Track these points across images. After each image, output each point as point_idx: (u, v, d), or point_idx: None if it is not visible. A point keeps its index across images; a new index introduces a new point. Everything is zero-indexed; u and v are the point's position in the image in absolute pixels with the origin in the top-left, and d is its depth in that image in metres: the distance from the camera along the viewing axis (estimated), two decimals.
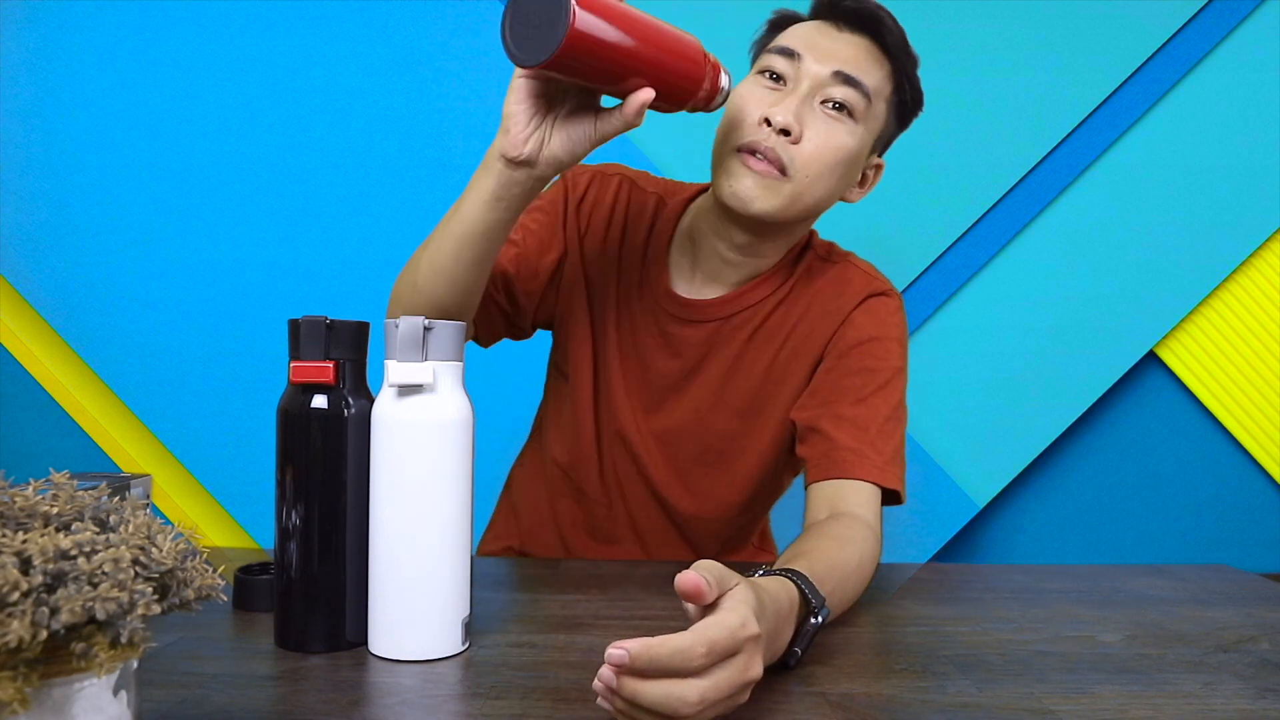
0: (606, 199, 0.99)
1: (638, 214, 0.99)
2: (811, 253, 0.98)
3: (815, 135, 0.86)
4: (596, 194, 0.99)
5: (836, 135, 0.86)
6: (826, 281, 0.96)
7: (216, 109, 1.56)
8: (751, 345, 0.95)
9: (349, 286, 1.56)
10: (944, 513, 1.57)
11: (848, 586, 0.73)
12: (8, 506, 0.40)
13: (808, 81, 0.86)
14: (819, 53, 0.87)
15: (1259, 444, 1.60)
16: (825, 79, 0.86)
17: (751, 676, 0.52)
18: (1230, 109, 1.55)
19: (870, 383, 0.90)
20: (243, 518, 1.58)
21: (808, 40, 0.88)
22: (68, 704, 0.37)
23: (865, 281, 0.96)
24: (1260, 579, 0.92)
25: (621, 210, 0.99)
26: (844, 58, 0.87)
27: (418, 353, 0.62)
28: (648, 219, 0.99)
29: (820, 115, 0.86)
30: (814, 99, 0.86)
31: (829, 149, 0.86)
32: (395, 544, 0.62)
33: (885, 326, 0.94)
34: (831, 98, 0.86)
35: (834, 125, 0.86)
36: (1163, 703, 0.58)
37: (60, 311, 1.57)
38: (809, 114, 0.86)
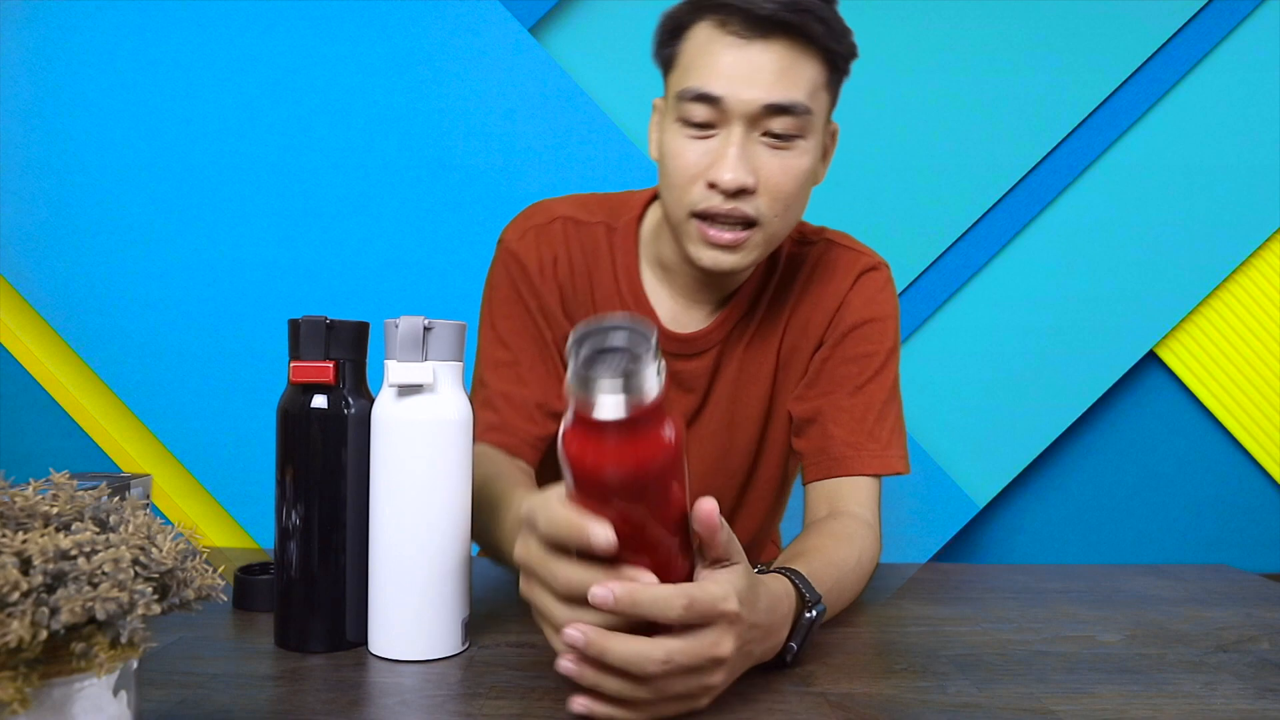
0: (556, 252, 0.91)
1: (593, 253, 0.92)
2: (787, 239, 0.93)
3: (770, 175, 0.79)
4: (543, 253, 0.91)
5: (790, 165, 0.80)
6: (813, 267, 0.93)
7: (216, 109, 1.56)
8: (751, 351, 0.93)
9: (349, 286, 1.56)
10: (944, 513, 1.57)
11: (846, 584, 0.73)
12: (8, 506, 0.40)
13: (739, 124, 0.78)
14: (741, 87, 0.77)
15: (1259, 444, 1.60)
16: (757, 114, 0.77)
17: (720, 653, 0.51)
18: (1230, 109, 1.55)
19: (866, 369, 0.89)
20: (243, 518, 1.58)
21: (724, 75, 0.77)
22: (68, 704, 0.37)
23: (852, 260, 0.93)
24: (1260, 579, 0.92)
25: (578, 255, 0.92)
26: (769, 84, 0.77)
27: (418, 353, 0.62)
28: (606, 255, 0.92)
29: (765, 150, 0.79)
30: (752, 134, 0.79)
31: (789, 181, 0.80)
32: (395, 544, 0.62)
33: (878, 305, 0.91)
34: (770, 131, 0.78)
35: (783, 156, 0.79)
36: (1163, 703, 0.58)
37: (60, 311, 1.57)
38: (753, 152, 0.79)
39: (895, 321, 0.92)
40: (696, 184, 0.80)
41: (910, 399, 0.94)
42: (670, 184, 0.82)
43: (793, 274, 0.93)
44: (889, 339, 0.90)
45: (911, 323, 1.57)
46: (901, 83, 1.54)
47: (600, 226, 0.93)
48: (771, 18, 0.76)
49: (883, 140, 1.55)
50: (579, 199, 0.96)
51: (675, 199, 0.82)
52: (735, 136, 0.78)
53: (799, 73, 0.78)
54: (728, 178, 0.77)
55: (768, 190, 0.79)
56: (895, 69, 1.54)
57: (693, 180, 0.80)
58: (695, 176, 0.80)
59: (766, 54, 0.77)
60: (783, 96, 0.77)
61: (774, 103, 0.77)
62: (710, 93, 0.77)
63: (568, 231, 0.92)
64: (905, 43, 1.54)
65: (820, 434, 0.87)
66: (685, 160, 0.80)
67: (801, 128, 0.79)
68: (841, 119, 0.88)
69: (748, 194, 0.78)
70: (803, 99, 0.78)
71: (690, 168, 0.80)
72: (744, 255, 0.81)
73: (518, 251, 0.91)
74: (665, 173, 0.83)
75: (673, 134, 0.81)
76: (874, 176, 1.55)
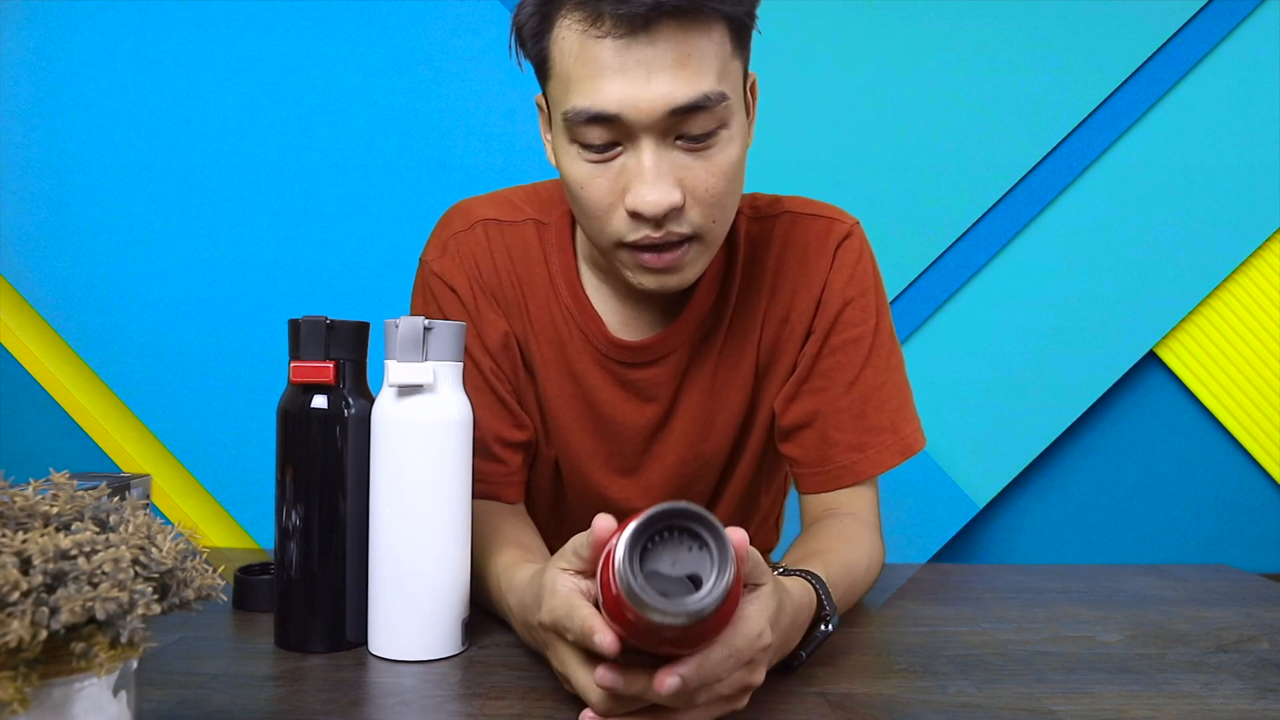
0: (479, 261, 0.82)
1: (523, 255, 0.82)
2: (740, 216, 0.83)
3: (697, 183, 0.67)
4: (466, 266, 0.82)
5: (718, 164, 0.68)
6: (782, 246, 0.82)
7: (216, 109, 1.56)
8: (727, 354, 0.83)
9: (349, 286, 1.56)
10: (944, 513, 1.56)
11: (855, 591, 0.74)
12: (8, 506, 0.40)
13: (647, 138, 0.66)
14: (636, 97, 0.64)
15: (1259, 444, 1.60)
16: (664, 122, 0.65)
17: (753, 682, 0.52)
18: (1230, 109, 1.55)
19: (858, 354, 0.81)
20: (243, 518, 1.58)
21: (612, 87, 0.64)
22: (68, 704, 0.37)
23: (824, 230, 0.83)
24: (1260, 579, 0.92)
25: (503, 260, 0.82)
26: (669, 83, 0.64)
27: (418, 353, 0.62)
28: (538, 256, 0.83)
29: (685, 155, 0.67)
30: (665, 143, 0.66)
31: (721, 183, 0.68)
32: (395, 544, 0.62)
33: (858, 276, 0.82)
34: (686, 134, 0.66)
35: (708, 156, 0.67)
36: (1163, 703, 0.58)
37: (60, 311, 1.57)
38: (672, 162, 0.66)
39: (878, 286, 0.84)
40: (615, 213, 0.68)
41: None
42: (584, 214, 0.71)
43: (759, 257, 0.82)
44: (872, 311, 0.82)
45: (912, 322, 1.57)
46: (901, 83, 1.54)
47: (529, 224, 0.83)
48: (648, 7, 0.62)
49: (883, 140, 1.55)
50: (501, 196, 0.86)
51: (596, 230, 0.71)
52: (646, 153, 0.66)
53: (701, 57, 0.64)
54: (649, 200, 0.65)
55: (699, 200, 0.68)
56: (895, 69, 1.54)
57: (610, 210, 0.68)
58: (612, 206, 0.68)
59: (654, 49, 0.63)
60: (689, 94, 0.64)
61: (681, 105, 0.64)
62: (602, 113, 0.65)
63: (490, 234, 0.82)
64: (905, 43, 1.54)
65: (819, 441, 0.81)
66: (595, 191, 0.68)
67: (721, 118, 0.67)
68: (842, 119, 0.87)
69: (678, 211, 0.67)
70: (714, 87, 0.65)
71: (604, 198, 0.68)
72: (689, 271, 0.72)
73: (441, 273, 0.82)
74: (574, 200, 0.71)
75: (571, 158, 0.69)
76: (874, 176, 1.55)
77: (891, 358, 0.83)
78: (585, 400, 0.83)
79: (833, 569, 0.67)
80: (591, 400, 0.83)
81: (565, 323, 0.82)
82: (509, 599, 0.65)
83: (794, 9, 1.54)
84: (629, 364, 0.82)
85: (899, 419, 0.82)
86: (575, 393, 0.83)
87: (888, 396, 0.82)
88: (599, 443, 0.84)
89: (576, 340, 0.82)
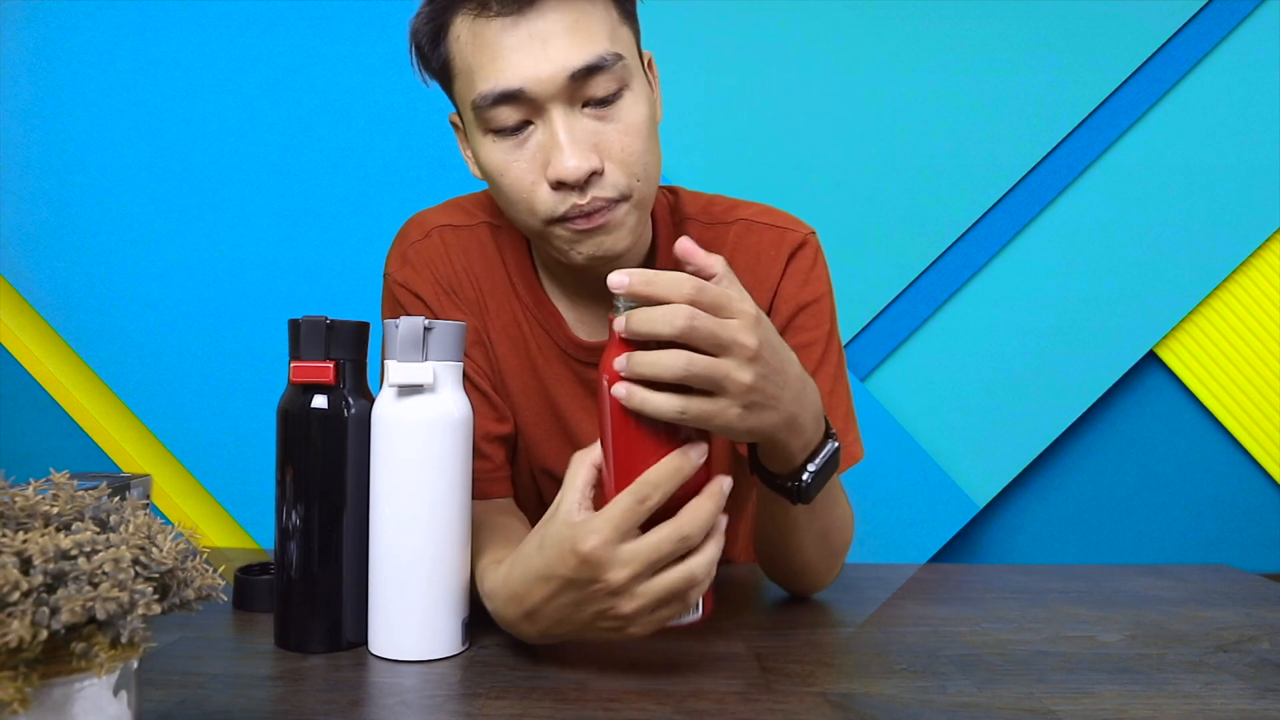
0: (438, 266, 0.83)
1: (480, 257, 0.84)
2: (692, 223, 0.84)
3: (611, 144, 0.69)
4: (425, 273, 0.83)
5: (628, 123, 0.70)
6: (733, 252, 0.83)
7: (216, 109, 1.56)
8: None
9: (349, 286, 1.56)
10: (944, 513, 1.56)
11: (837, 495, 0.76)
12: (8, 506, 0.40)
13: (555, 106, 0.68)
14: (536, 68, 0.67)
15: (1259, 444, 1.60)
16: (566, 88, 0.68)
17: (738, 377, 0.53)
18: (1230, 109, 1.55)
19: (809, 359, 0.82)
20: (243, 518, 1.58)
21: (512, 64, 0.67)
22: (68, 704, 0.37)
23: (777, 239, 0.84)
24: (1260, 579, 0.92)
25: (460, 262, 0.83)
26: (564, 50, 0.67)
27: (418, 353, 0.62)
28: (495, 257, 0.84)
29: (594, 121, 0.69)
30: (573, 111, 0.69)
31: (635, 140, 0.70)
32: (395, 544, 0.62)
33: (812, 283, 0.83)
34: (591, 98, 0.69)
35: (616, 117, 0.70)
36: (1163, 703, 0.58)
37: (60, 311, 1.57)
38: (584, 129, 0.69)
39: (829, 293, 0.85)
40: (539, 191, 0.70)
41: (910, 399, 0.94)
42: (511, 201, 0.72)
43: None
44: (826, 318, 0.84)
45: (911, 323, 1.57)
46: (901, 83, 1.54)
47: (483, 227, 0.85)
48: None
49: (883, 140, 1.54)
50: (455, 204, 0.88)
51: (525, 214, 0.72)
52: (558, 122, 0.68)
53: (589, 23, 0.68)
54: (570, 166, 0.67)
55: (617, 161, 0.70)
56: (895, 69, 1.54)
57: (534, 189, 0.70)
58: (535, 184, 0.70)
59: (544, 20, 0.67)
60: (585, 56, 0.67)
61: (580, 67, 0.67)
62: (508, 89, 0.68)
63: (446, 240, 0.84)
64: (905, 43, 1.54)
65: None
66: (515, 173, 0.70)
67: (621, 78, 0.69)
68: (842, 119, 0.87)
69: (598, 175, 0.69)
70: (607, 48, 0.68)
71: (526, 177, 0.70)
72: (621, 231, 0.72)
73: (404, 282, 0.83)
74: (500, 191, 0.73)
75: (488, 149, 0.71)
76: (874, 176, 1.55)
77: (840, 368, 0.85)
78: (547, 398, 0.84)
79: None
80: (553, 398, 0.84)
81: (527, 322, 0.83)
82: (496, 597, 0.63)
83: (794, 9, 1.54)
84: (590, 363, 0.83)
85: (844, 428, 0.83)
86: (538, 390, 0.84)
87: (836, 403, 0.83)
88: (562, 443, 0.85)
89: (539, 338, 0.83)
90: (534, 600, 0.58)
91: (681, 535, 0.54)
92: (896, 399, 1.56)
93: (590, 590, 0.56)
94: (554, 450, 0.85)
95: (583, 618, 0.58)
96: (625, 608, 0.56)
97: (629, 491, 0.54)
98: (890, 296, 1.56)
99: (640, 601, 0.56)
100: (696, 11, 1.47)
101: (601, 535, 0.54)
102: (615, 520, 0.54)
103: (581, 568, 0.55)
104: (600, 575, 0.55)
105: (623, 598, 0.55)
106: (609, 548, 0.54)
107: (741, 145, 1.53)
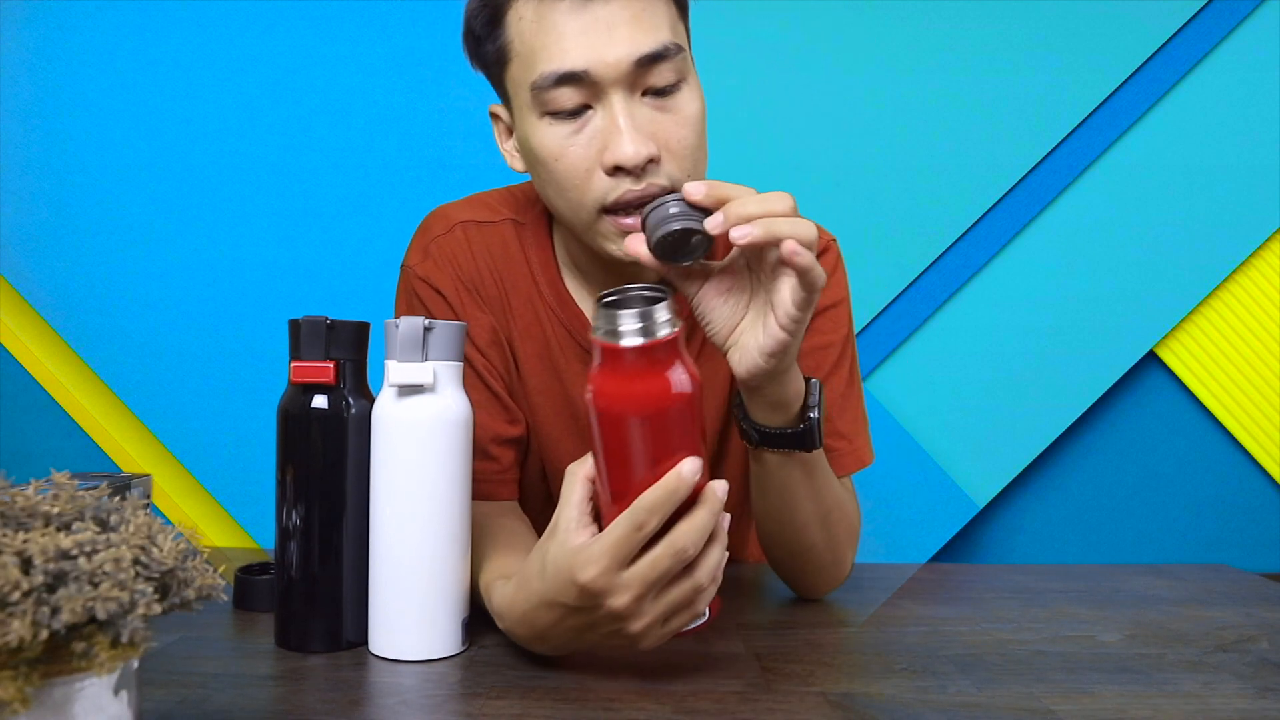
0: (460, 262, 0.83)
1: (503, 254, 0.83)
2: None
3: (669, 135, 0.69)
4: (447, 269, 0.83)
5: (685, 116, 0.70)
6: None
7: (216, 109, 1.56)
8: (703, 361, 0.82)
9: (349, 286, 1.56)
10: (944, 513, 1.56)
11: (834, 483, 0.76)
12: (8, 506, 0.40)
13: (617, 92, 0.68)
14: (602, 51, 0.67)
15: (1259, 444, 1.60)
16: (630, 74, 0.67)
17: None
18: (1230, 109, 1.55)
19: (824, 362, 0.83)
20: (243, 518, 1.58)
21: (578, 46, 0.67)
22: (68, 703, 0.37)
23: None
24: (1260, 579, 0.92)
25: (483, 258, 0.83)
26: (630, 37, 0.67)
27: (418, 353, 0.62)
28: (518, 255, 0.84)
29: (653, 111, 0.69)
30: (633, 98, 0.69)
31: (690, 134, 0.70)
32: (395, 544, 0.62)
33: (832, 287, 0.84)
34: (651, 86, 0.69)
35: (674, 109, 0.70)
36: (1163, 703, 0.58)
37: (60, 311, 1.57)
38: (643, 117, 0.69)
39: (849, 303, 0.86)
40: (594, 177, 0.69)
41: (910, 399, 0.94)
42: (562, 187, 0.71)
43: None
44: (843, 323, 0.84)
45: (912, 323, 1.57)
46: (901, 83, 1.54)
47: (507, 224, 0.85)
48: None
49: (883, 140, 1.54)
50: (477, 199, 0.88)
51: (575, 201, 0.71)
52: (618, 107, 0.68)
53: (653, 13, 0.69)
54: (629, 152, 0.67)
55: (672, 153, 0.69)
56: (895, 69, 1.54)
57: (589, 174, 0.69)
58: (590, 170, 0.69)
59: (609, 7, 0.67)
60: (651, 44, 0.67)
61: (645, 54, 0.67)
62: (572, 70, 0.67)
63: (469, 235, 0.84)
64: (905, 43, 1.54)
65: None
66: (571, 158, 0.70)
67: (680, 70, 0.70)
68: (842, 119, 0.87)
69: (654, 164, 0.69)
70: (670, 38, 0.69)
71: (581, 162, 0.69)
72: None
73: (425, 276, 0.83)
74: (551, 177, 0.72)
75: (543, 132, 0.70)
76: (874, 176, 1.55)
77: (853, 374, 0.85)
78: (566, 398, 0.84)
79: None
80: (572, 398, 0.84)
81: (549, 320, 0.83)
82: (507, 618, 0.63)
83: (794, 9, 1.54)
84: None
85: (854, 430, 0.83)
86: (558, 390, 0.84)
87: (848, 407, 0.83)
88: (578, 443, 0.84)
89: (560, 338, 0.83)
90: (542, 625, 0.59)
91: (677, 549, 0.54)
92: (896, 399, 1.56)
93: (597, 616, 0.56)
94: (570, 449, 0.85)
95: (594, 638, 0.59)
96: (634, 627, 0.56)
97: (626, 518, 0.53)
98: (890, 296, 1.56)
99: (648, 619, 0.56)
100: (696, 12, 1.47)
101: (599, 565, 0.54)
102: (612, 549, 0.54)
103: (583, 597, 0.55)
104: (603, 603, 0.55)
105: (630, 619, 0.56)
106: (608, 576, 0.54)
107: (742, 145, 1.53)
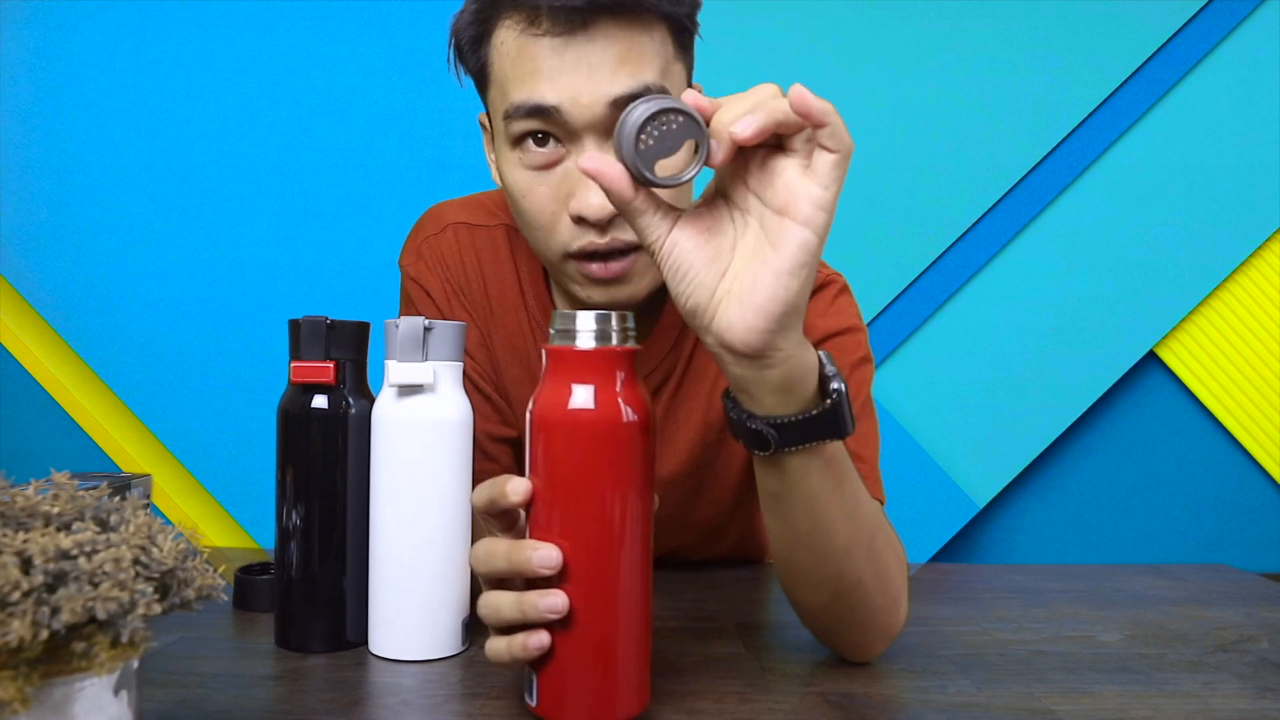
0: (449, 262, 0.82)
1: (492, 259, 0.82)
2: None
3: None
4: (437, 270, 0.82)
5: None
6: None
7: (216, 109, 1.56)
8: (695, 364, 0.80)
9: (349, 286, 1.56)
10: (944, 513, 1.57)
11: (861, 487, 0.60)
12: (8, 506, 0.40)
13: (589, 136, 0.64)
14: (576, 90, 0.63)
15: (1259, 444, 1.60)
16: (605, 117, 0.63)
17: None
18: (1230, 109, 1.55)
19: None
20: (243, 518, 1.58)
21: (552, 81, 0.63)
22: (68, 703, 0.37)
23: None
24: (1260, 579, 0.92)
25: (471, 261, 0.82)
26: (609, 78, 0.63)
27: (418, 353, 0.62)
28: (508, 261, 0.82)
29: None
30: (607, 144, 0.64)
31: None
32: (395, 544, 0.62)
33: (832, 316, 0.79)
34: None
35: None
36: (1163, 703, 0.58)
37: (60, 311, 1.57)
38: None
39: (860, 334, 0.80)
40: (560, 221, 0.66)
41: (910, 399, 0.94)
42: (528, 225, 0.69)
43: None
44: (851, 352, 0.78)
45: (912, 322, 1.57)
46: (901, 83, 1.54)
47: (500, 229, 0.83)
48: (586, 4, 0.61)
49: (883, 140, 1.55)
50: (476, 200, 0.86)
51: (541, 242, 0.69)
52: (588, 150, 0.64)
53: (642, 53, 0.64)
54: (594, 204, 0.63)
55: None
56: (895, 69, 1.54)
57: (554, 218, 0.67)
58: (556, 213, 0.66)
59: (593, 46, 0.63)
60: (628, 85, 0.63)
61: (621, 95, 0.63)
62: (542, 104, 0.63)
63: (460, 238, 0.83)
64: (905, 43, 1.54)
65: None
66: (537, 198, 0.67)
67: None
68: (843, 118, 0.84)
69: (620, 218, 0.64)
70: (653, 79, 0.64)
71: (547, 204, 0.66)
72: (638, 282, 0.69)
73: (416, 277, 0.83)
74: (518, 212, 0.70)
75: (511, 165, 0.68)
76: (874, 176, 1.55)
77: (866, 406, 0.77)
78: None
79: None
80: None
81: (532, 331, 0.82)
82: None
83: (794, 9, 1.54)
84: None
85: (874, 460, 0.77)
86: None
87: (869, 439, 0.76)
88: None
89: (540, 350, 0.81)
90: None
91: (491, 608, 0.52)
92: (896, 399, 1.56)
93: None
94: None
95: None
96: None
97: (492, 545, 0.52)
98: (890, 297, 1.56)
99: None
100: None
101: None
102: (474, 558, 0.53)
103: None
104: None
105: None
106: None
107: None
